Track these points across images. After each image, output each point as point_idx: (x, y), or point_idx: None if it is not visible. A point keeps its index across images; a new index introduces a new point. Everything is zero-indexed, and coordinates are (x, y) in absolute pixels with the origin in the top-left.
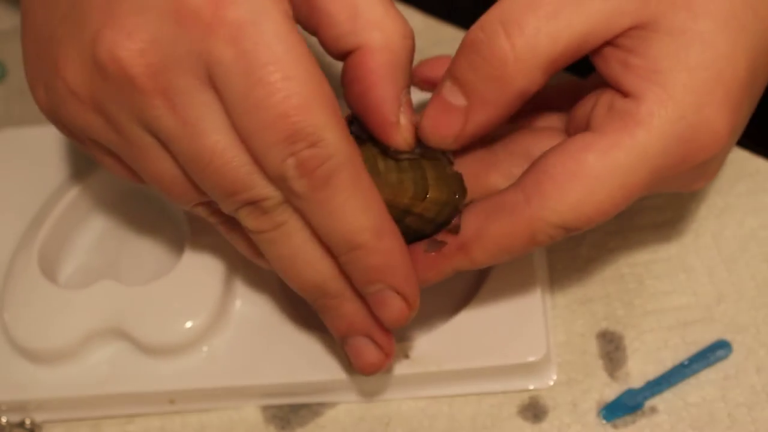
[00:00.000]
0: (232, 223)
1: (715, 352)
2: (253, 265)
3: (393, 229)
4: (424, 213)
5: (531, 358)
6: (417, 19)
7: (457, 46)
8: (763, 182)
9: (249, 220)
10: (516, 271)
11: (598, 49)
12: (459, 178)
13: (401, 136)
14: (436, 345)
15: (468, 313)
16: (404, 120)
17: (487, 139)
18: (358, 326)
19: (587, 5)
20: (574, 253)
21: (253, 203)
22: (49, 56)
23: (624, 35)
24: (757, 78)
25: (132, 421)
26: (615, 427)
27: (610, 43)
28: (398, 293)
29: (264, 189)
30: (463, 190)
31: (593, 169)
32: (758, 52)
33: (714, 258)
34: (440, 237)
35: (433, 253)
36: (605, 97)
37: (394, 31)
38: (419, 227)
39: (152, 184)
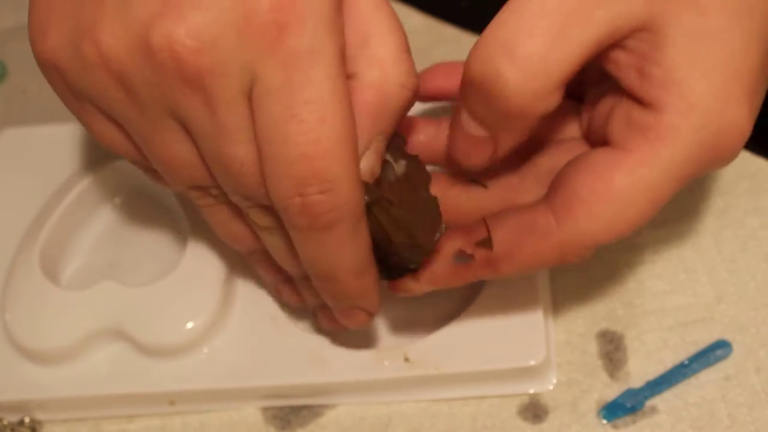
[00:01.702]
0: (220, 206)
1: (715, 352)
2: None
3: (371, 267)
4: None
5: (531, 362)
6: (417, 19)
7: (457, 46)
8: (763, 182)
9: (253, 214)
10: None
11: (608, 54)
12: (428, 209)
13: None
14: (436, 348)
15: (468, 316)
16: (363, 164)
17: (513, 161)
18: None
19: (590, 16)
20: None
21: (262, 206)
22: (86, 13)
23: (634, 38)
24: None
25: (132, 421)
26: (615, 427)
27: (619, 46)
28: (362, 309)
29: None
30: (432, 220)
31: (622, 189)
32: None
33: (714, 258)
34: (470, 249)
35: (460, 264)
36: (623, 107)
37: (395, 76)
38: (403, 261)
39: (155, 162)
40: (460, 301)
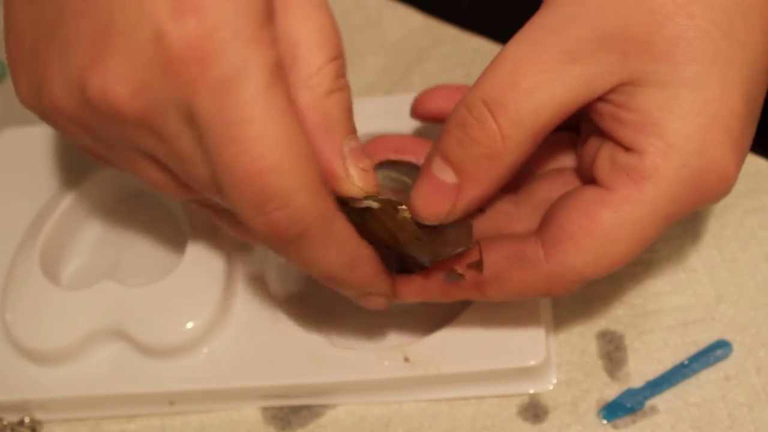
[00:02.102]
0: (223, 212)
1: (715, 352)
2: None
3: (366, 256)
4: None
5: (531, 362)
6: (417, 19)
7: (457, 46)
8: (763, 182)
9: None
10: None
11: (588, 106)
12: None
13: (355, 186)
14: (436, 348)
15: (468, 316)
16: (353, 171)
17: (508, 189)
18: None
19: (566, 74)
20: None
21: None
22: (36, 66)
23: (611, 91)
24: (755, 104)
25: (132, 421)
26: (615, 427)
27: (599, 98)
28: (374, 294)
29: None
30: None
31: (608, 227)
32: (751, 80)
33: (714, 258)
34: (461, 269)
35: (450, 282)
36: (606, 148)
37: (324, 90)
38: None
39: (146, 185)
40: (460, 302)
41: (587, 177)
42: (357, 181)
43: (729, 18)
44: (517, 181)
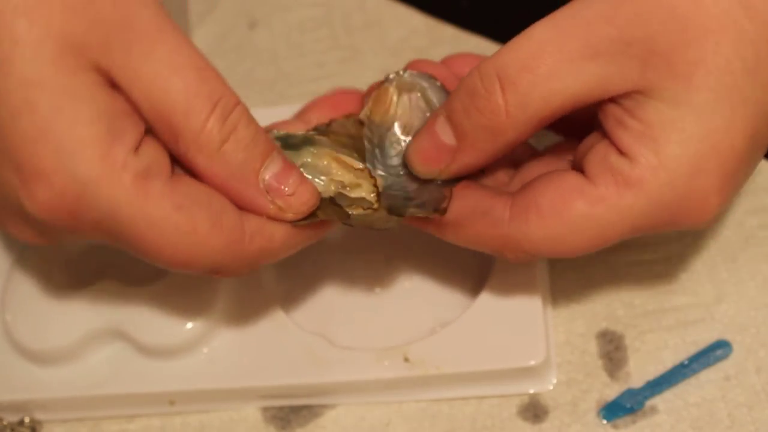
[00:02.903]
0: None
1: (715, 352)
2: None
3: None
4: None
5: (531, 362)
6: (417, 19)
7: (457, 46)
8: (763, 182)
9: None
10: (516, 274)
11: (598, 103)
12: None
13: (291, 214)
14: (436, 348)
15: (468, 316)
16: (280, 203)
17: (510, 159)
18: None
19: (584, 68)
20: None
21: None
22: None
23: (624, 96)
24: (758, 144)
25: (132, 421)
26: (615, 427)
27: (610, 99)
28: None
29: None
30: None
31: (576, 216)
32: (760, 120)
33: (714, 258)
34: (426, 213)
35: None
36: (603, 145)
37: (216, 145)
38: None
39: None
40: (460, 302)
41: (578, 164)
42: (289, 210)
43: (756, 56)
44: (521, 155)
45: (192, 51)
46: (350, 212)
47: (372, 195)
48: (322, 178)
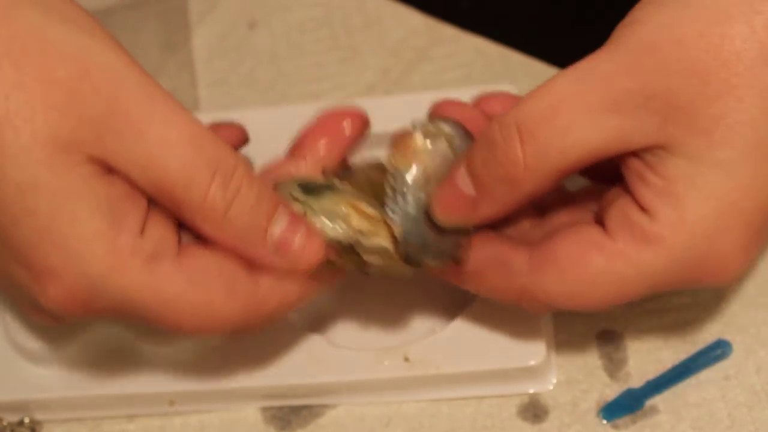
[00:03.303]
0: None
1: (715, 351)
2: None
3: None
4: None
5: (531, 362)
6: (417, 19)
7: (457, 46)
8: None
9: None
10: None
11: (620, 156)
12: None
13: (303, 264)
14: (436, 348)
15: (468, 316)
16: (291, 258)
17: (535, 207)
18: None
19: (604, 121)
20: None
21: None
22: (6, 290)
23: (645, 150)
24: None
25: (132, 421)
26: (615, 427)
27: (632, 153)
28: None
29: None
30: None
31: (594, 271)
32: None
33: None
34: (443, 262)
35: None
36: (624, 200)
37: (220, 212)
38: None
39: None
40: (460, 302)
41: (600, 217)
42: (300, 263)
43: None
44: (546, 198)
45: (183, 120)
46: (367, 260)
47: (389, 243)
48: (342, 224)
